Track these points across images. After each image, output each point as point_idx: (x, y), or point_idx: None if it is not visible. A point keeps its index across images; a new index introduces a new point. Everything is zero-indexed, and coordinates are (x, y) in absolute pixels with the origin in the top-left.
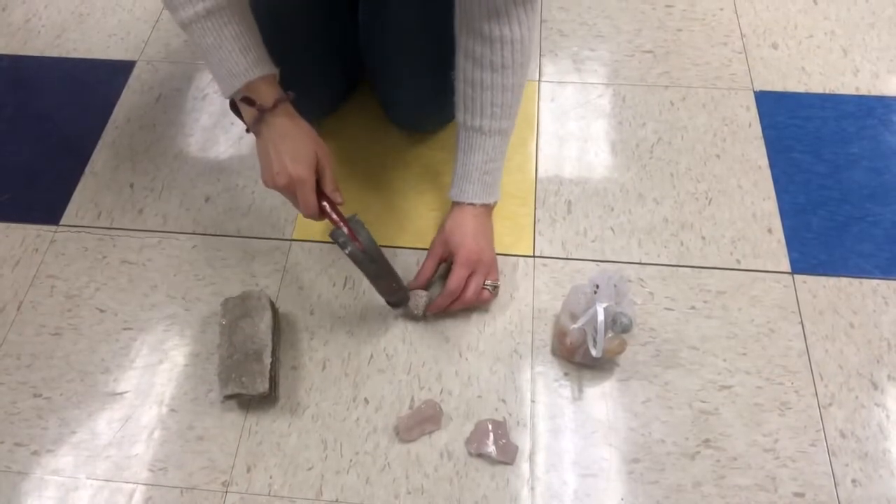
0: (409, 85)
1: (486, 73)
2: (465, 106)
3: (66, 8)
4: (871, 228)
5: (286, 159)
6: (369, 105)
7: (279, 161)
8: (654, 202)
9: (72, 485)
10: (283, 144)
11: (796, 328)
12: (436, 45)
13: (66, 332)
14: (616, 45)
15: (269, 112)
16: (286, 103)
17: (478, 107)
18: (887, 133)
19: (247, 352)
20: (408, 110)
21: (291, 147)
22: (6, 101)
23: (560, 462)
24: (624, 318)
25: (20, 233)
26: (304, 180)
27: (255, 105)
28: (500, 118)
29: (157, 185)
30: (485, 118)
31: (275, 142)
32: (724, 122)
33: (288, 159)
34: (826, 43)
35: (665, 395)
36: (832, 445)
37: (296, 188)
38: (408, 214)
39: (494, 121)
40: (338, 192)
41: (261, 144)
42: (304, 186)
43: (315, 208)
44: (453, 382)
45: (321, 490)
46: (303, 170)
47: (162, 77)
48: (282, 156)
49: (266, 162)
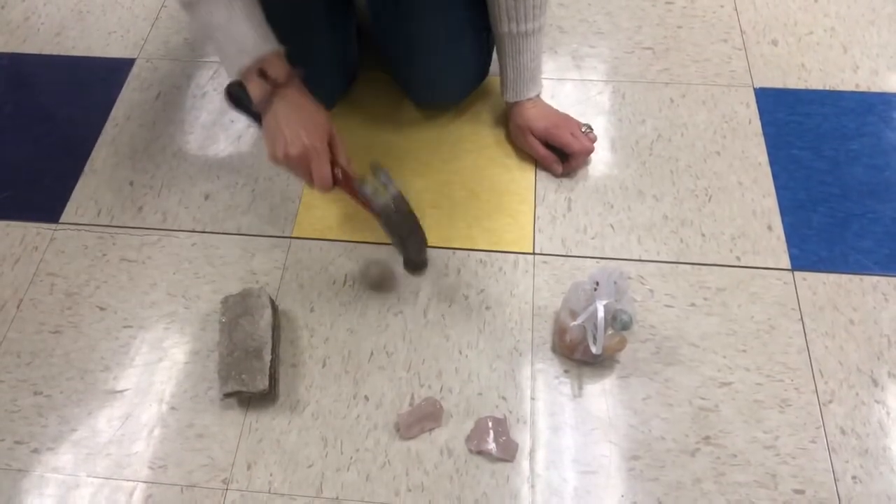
0: (428, 59)
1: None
2: (508, 17)
3: (66, 5)
4: (871, 225)
5: (301, 131)
6: (373, 95)
7: (293, 132)
8: (653, 199)
9: (72, 483)
10: (298, 116)
11: (796, 325)
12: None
13: (66, 330)
14: (616, 41)
15: (282, 86)
16: (298, 78)
17: (521, 14)
18: (887, 129)
19: (247, 349)
20: (429, 85)
21: (307, 118)
22: (6, 99)
23: (560, 459)
24: (624, 315)
25: (20, 231)
26: (318, 150)
27: (269, 79)
28: (541, 17)
29: (156, 182)
30: (528, 21)
31: (287, 115)
32: (724, 118)
33: (303, 130)
34: (826, 40)
35: (665, 392)
36: (832, 442)
37: (311, 158)
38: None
39: (536, 21)
40: (350, 163)
41: (270, 119)
42: (320, 156)
43: (329, 179)
44: (453, 380)
45: (321, 487)
46: (318, 140)
47: (161, 75)
48: (296, 127)
49: (276, 135)
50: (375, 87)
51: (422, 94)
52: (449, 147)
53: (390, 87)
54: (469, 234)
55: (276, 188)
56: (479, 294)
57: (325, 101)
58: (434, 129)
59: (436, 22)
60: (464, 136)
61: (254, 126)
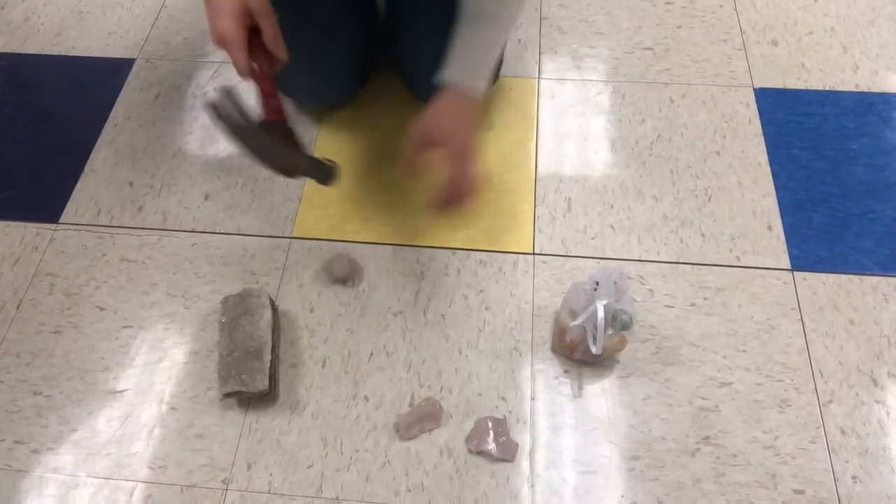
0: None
1: None
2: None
3: (66, 6)
4: (870, 225)
5: (213, 16)
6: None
7: (210, 19)
8: (653, 199)
9: (72, 483)
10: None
11: (796, 325)
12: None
13: (66, 331)
14: (616, 42)
15: None
16: None
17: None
18: (887, 129)
19: (246, 349)
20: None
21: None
22: (6, 100)
23: (560, 459)
24: (624, 316)
25: (20, 231)
26: (229, 37)
27: None
28: (508, 5)
29: (156, 182)
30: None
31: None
32: (724, 118)
33: (214, 15)
34: (826, 40)
35: (665, 393)
36: (832, 442)
37: (226, 46)
38: None
39: (500, 6)
40: (279, 46)
41: None
42: (233, 43)
43: (244, 69)
44: (453, 380)
45: (321, 488)
46: (228, 24)
47: (161, 75)
48: (211, 12)
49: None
50: (377, 86)
51: (426, 92)
52: None
53: (393, 85)
54: (469, 235)
55: (276, 188)
56: (478, 294)
57: (340, 99)
58: None
59: (442, 21)
60: None
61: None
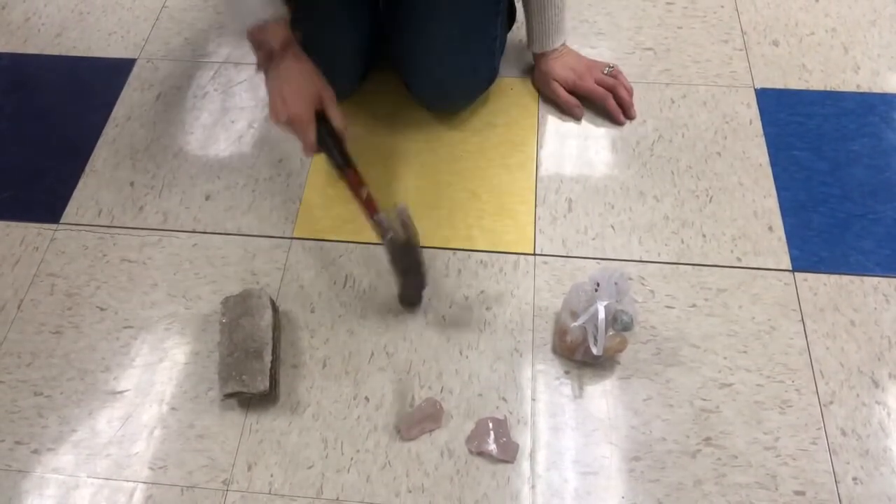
0: (437, 66)
1: None
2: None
3: (66, 6)
4: (872, 226)
5: (288, 98)
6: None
7: (281, 100)
8: (654, 200)
9: (72, 483)
10: (288, 84)
11: (797, 326)
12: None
13: (67, 331)
14: (616, 42)
15: (279, 52)
16: (294, 45)
17: None
18: (888, 130)
19: (247, 350)
20: (437, 87)
21: (295, 87)
22: (6, 100)
23: (561, 460)
24: (625, 316)
25: (20, 231)
26: (300, 117)
27: (265, 45)
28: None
29: (157, 183)
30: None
31: (279, 82)
32: (725, 119)
33: (290, 98)
34: (827, 40)
35: (666, 393)
36: (833, 443)
37: (295, 126)
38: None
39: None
40: (344, 125)
41: (267, 84)
42: (303, 124)
43: (313, 145)
44: (454, 381)
45: (322, 488)
46: (301, 107)
47: (162, 75)
48: (284, 95)
49: (271, 101)
50: (379, 86)
51: (429, 100)
52: (449, 148)
53: (394, 86)
54: (469, 235)
55: (276, 189)
56: (479, 295)
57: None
58: (435, 129)
59: (444, 29)
60: (465, 137)
61: None
